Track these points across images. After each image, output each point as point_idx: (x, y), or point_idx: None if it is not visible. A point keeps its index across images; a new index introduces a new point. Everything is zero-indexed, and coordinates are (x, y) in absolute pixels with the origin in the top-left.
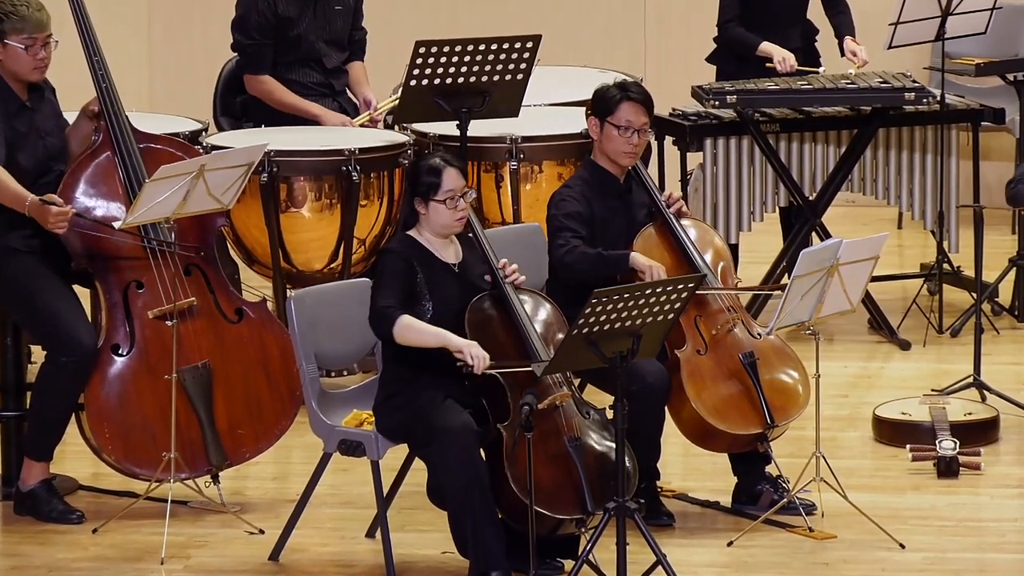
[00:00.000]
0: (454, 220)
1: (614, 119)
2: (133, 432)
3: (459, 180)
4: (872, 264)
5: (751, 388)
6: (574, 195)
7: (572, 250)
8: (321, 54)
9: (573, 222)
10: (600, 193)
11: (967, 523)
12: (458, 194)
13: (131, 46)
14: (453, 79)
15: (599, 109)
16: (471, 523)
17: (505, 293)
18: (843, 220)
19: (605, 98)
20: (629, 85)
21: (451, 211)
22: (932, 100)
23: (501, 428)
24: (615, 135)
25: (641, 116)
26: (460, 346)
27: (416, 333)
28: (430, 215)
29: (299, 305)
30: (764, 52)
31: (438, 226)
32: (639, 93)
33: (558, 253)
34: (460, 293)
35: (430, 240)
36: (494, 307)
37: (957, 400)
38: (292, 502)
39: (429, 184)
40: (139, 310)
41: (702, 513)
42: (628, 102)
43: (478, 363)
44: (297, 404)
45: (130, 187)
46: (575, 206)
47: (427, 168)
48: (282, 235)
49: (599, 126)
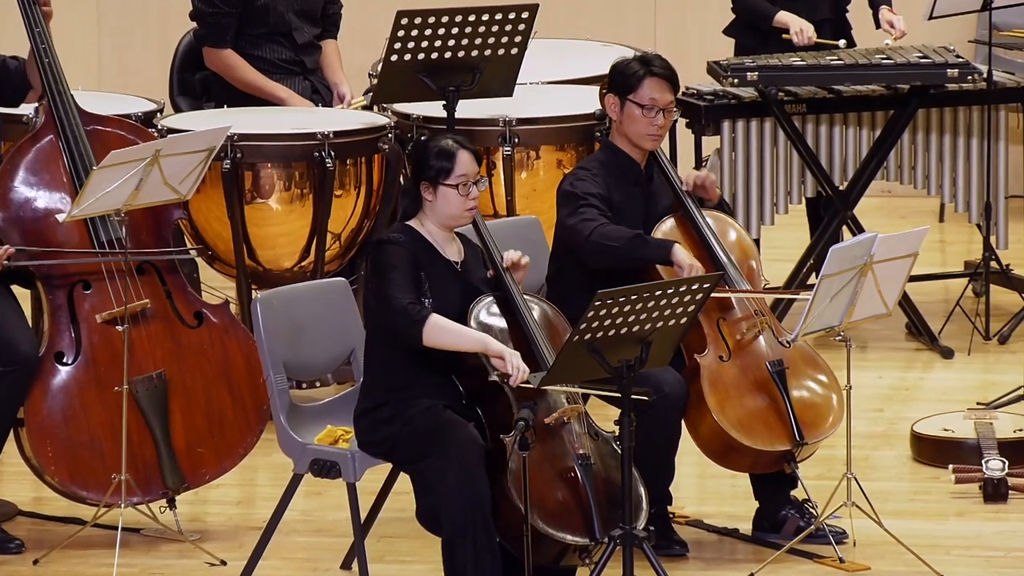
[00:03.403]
0: (464, 209)
1: (636, 97)
2: (79, 451)
3: (473, 165)
4: (910, 262)
5: (779, 400)
6: (593, 176)
7: (604, 225)
8: (291, 27)
9: (598, 201)
10: (619, 179)
11: (1017, 553)
12: (471, 180)
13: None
14: (439, 54)
15: (619, 86)
16: (471, 550)
17: (511, 294)
18: (878, 212)
19: (626, 74)
20: (652, 59)
21: (462, 199)
22: (978, 77)
23: (504, 439)
24: (638, 115)
25: (667, 94)
26: (502, 352)
27: (450, 335)
28: (438, 203)
29: (266, 308)
30: (780, 23)
31: (446, 216)
32: (663, 68)
33: (587, 227)
34: (462, 295)
35: (433, 233)
36: (499, 311)
37: (1006, 415)
38: (258, 529)
39: (440, 168)
40: (86, 313)
41: (719, 542)
42: (652, 78)
43: (517, 375)
44: (264, 419)
45: (76, 175)
46: (594, 187)
47: (437, 150)
48: (247, 229)
49: (619, 105)
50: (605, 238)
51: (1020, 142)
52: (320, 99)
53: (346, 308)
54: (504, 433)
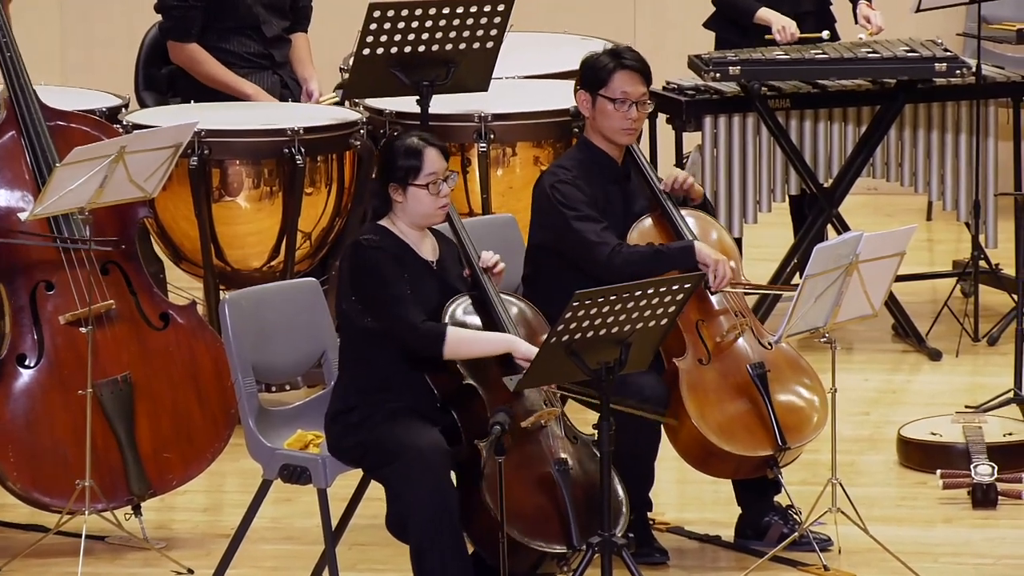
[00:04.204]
0: (436, 208)
1: (608, 91)
2: (42, 456)
3: (441, 162)
4: (897, 261)
5: (760, 404)
6: (574, 178)
7: (618, 251)
8: (260, 20)
9: (589, 209)
10: (596, 177)
11: (1007, 561)
12: (440, 178)
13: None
14: (413, 47)
15: (590, 81)
16: (439, 560)
17: (487, 294)
18: (864, 210)
19: (596, 68)
20: (622, 51)
21: (433, 198)
22: (967, 71)
23: (479, 444)
24: (610, 110)
25: (639, 86)
26: (529, 354)
27: (473, 344)
28: (408, 203)
29: (234, 309)
30: (762, 19)
31: (417, 216)
32: (634, 60)
33: (602, 255)
34: (439, 295)
35: (406, 232)
36: (476, 311)
37: (995, 419)
38: (226, 537)
39: (408, 168)
40: (49, 315)
41: (701, 549)
42: (623, 71)
43: None
44: (232, 423)
45: (38, 172)
46: (579, 192)
47: (404, 149)
48: (214, 228)
49: (591, 101)
50: (626, 264)
51: (1009, 138)
52: (289, 94)
53: (317, 309)
54: (480, 438)
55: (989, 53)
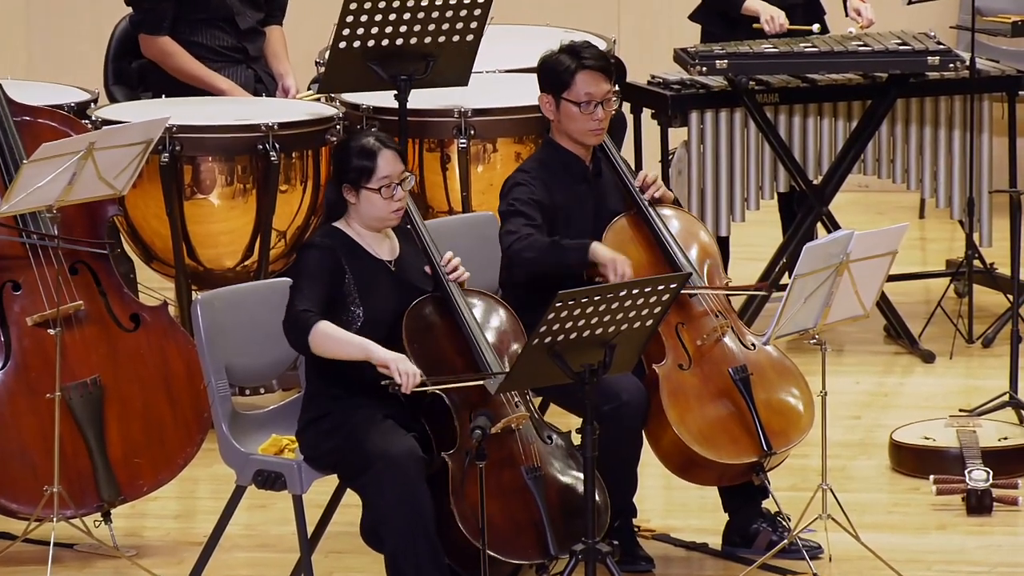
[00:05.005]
0: (390, 212)
1: (571, 95)
2: (9, 461)
3: (396, 164)
4: (889, 261)
5: (744, 409)
6: (531, 179)
7: (523, 238)
8: (233, 12)
9: (527, 208)
10: (562, 178)
11: (1002, 568)
12: (395, 181)
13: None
14: (390, 40)
15: (551, 84)
16: (415, 567)
17: (449, 294)
18: (854, 208)
19: (557, 70)
20: (580, 49)
21: (387, 201)
22: (960, 65)
23: (446, 457)
24: (575, 113)
25: (603, 84)
26: (386, 360)
27: (335, 342)
28: (361, 206)
29: (207, 310)
30: (750, 10)
31: (371, 219)
32: (595, 57)
33: (507, 241)
34: (397, 296)
35: (361, 233)
36: (437, 312)
37: (990, 422)
38: (198, 545)
39: (361, 169)
40: (15, 316)
41: (687, 557)
42: (584, 71)
43: (406, 380)
44: (204, 428)
45: (5, 170)
46: (531, 192)
47: (358, 150)
48: (186, 227)
49: (554, 104)
50: (525, 250)
51: (1004, 134)
52: (264, 88)
53: None
54: (447, 448)
55: (983, 46)
